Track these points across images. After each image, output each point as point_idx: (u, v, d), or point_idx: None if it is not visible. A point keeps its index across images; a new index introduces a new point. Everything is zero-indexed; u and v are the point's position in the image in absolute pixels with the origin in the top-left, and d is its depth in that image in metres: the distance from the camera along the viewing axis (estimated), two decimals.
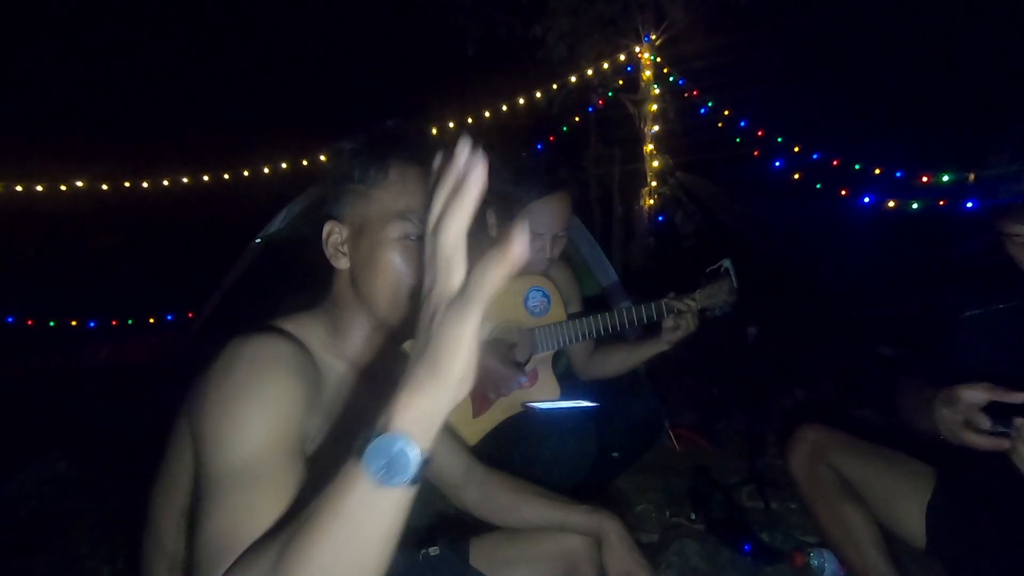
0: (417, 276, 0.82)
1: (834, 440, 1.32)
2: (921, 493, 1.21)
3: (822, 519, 1.31)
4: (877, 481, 1.25)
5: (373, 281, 0.82)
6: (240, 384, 0.70)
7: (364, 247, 0.82)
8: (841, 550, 1.30)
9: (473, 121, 5.15)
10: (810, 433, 1.35)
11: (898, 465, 1.27)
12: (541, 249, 1.65)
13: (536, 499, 1.12)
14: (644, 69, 5.31)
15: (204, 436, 0.69)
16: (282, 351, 0.74)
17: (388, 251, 0.81)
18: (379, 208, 0.82)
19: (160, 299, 5.67)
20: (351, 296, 0.86)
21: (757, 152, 5.45)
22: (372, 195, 0.83)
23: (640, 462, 2.02)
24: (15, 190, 4.91)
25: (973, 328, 1.19)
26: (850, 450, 1.30)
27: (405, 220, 0.81)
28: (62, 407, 3.30)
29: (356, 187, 0.84)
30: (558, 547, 1.12)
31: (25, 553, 1.80)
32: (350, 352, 0.87)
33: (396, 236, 0.81)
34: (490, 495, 1.13)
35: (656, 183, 5.51)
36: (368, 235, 0.82)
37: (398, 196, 0.82)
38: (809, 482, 1.33)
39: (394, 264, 0.81)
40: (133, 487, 0.85)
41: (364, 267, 0.83)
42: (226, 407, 0.68)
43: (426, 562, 1.11)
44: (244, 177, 5.15)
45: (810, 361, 3.57)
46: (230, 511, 0.63)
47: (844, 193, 5.05)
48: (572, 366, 1.88)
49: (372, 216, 0.82)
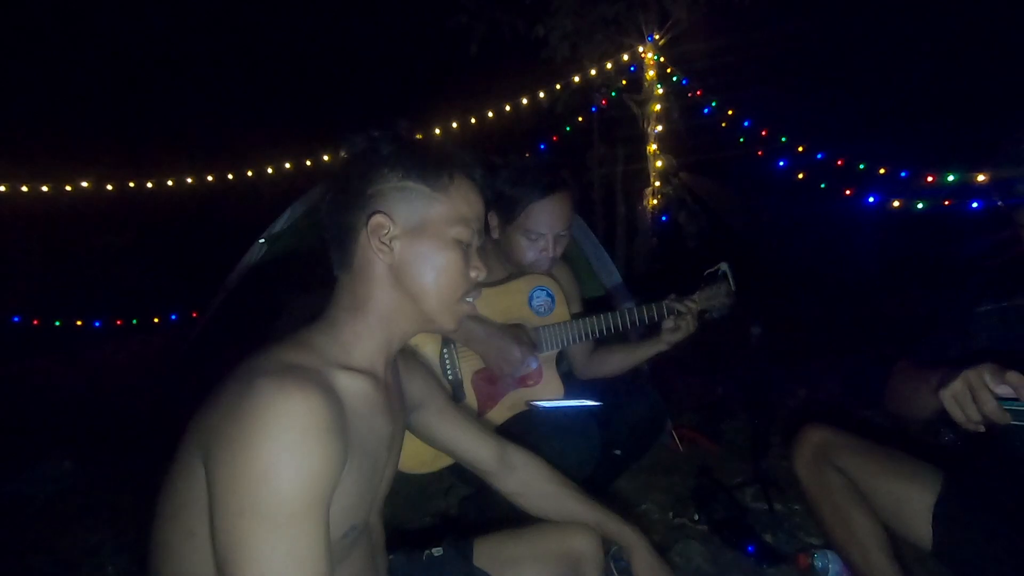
0: (468, 277, 0.90)
1: (839, 441, 1.30)
2: (927, 495, 1.20)
3: (827, 520, 1.30)
4: (883, 483, 1.24)
5: (428, 278, 0.87)
6: (276, 453, 0.68)
7: (424, 243, 0.87)
8: (846, 552, 1.28)
9: (476, 121, 5.15)
10: (815, 434, 1.33)
11: (904, 467, 1.25)
12: (544, 249, 1.65)
13: (578, 496, 1.19)
14: (647, 69, 5.29)
15: (231, 493, 0.68)
16: (317, 412, 0.72)
17: (451, 252, 0.88)
18: (443, 211, 0.88)
19: (164, 299, 5.70)
20: (389, 290, 0.87)
21: (761, 152, 5.43)
22: (436, 197, 0.87)
23: (643, 462, 2.02)
24: (20, 190, 4.93)
25: (987, 323, 1.17)
26: (856, 451, 1.28)
27: (466, 227, 0.89)
28: (67, 406, 3.31)
29: (416, 187, 0.87)
30: (562, 547, 1.12)
31: (31, 551, 1.81)
32: (363, 358, 0.87)
33: (458, 238, 0.88)
34: (531, 483, 1.18)
35: (659, 183, 5.49)
36: (430, 233, 0.87)
37: (460, 203, 0.89)
38: (814, 483, 1.31)
39: (455, 265, 0.88)
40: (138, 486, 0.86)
41: (419, 263, 0.87)
42: (262, 478, 0.68)
43: (429, 562, 1.11)
44: (248, 177, 5.16)
45: (815, 361, 3.55)
46: (265, 563, 0.67)
47: (849, 193, 5.03)
48: (571, 366, 1.89)
49: (435, 217, 0.87)
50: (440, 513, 1.90)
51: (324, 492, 0.72)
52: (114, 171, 5.23)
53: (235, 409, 0.71)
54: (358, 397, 0.83)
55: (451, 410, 1.15)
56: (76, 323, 5.50)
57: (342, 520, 0.80)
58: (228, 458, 0.69)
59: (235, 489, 0.68)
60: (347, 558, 0.89)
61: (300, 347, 0.83)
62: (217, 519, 0.69)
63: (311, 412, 0.71)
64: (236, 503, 0.68)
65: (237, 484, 0.68)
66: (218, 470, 0.70)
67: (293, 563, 0.68)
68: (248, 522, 0.67)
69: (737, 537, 1.70)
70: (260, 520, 0.67)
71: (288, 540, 0.68)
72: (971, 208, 4.15)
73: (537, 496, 1.18)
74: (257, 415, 0.70)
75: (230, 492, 0.68)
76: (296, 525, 0.69)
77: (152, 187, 5.20)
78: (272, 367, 0.76)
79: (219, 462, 0.70)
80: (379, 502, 0.98)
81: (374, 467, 0.88)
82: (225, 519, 0.68)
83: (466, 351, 1.64)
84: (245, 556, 0.67)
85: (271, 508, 0.67)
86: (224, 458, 0.70)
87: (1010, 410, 0.92)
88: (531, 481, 1.18)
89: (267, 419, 0.69)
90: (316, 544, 0.70)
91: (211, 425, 0.73)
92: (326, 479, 0.72)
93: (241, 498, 0.68)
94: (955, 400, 0.96)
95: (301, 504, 0.69)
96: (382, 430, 0.89)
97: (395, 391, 0.98)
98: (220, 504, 0.69)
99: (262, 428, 0.69)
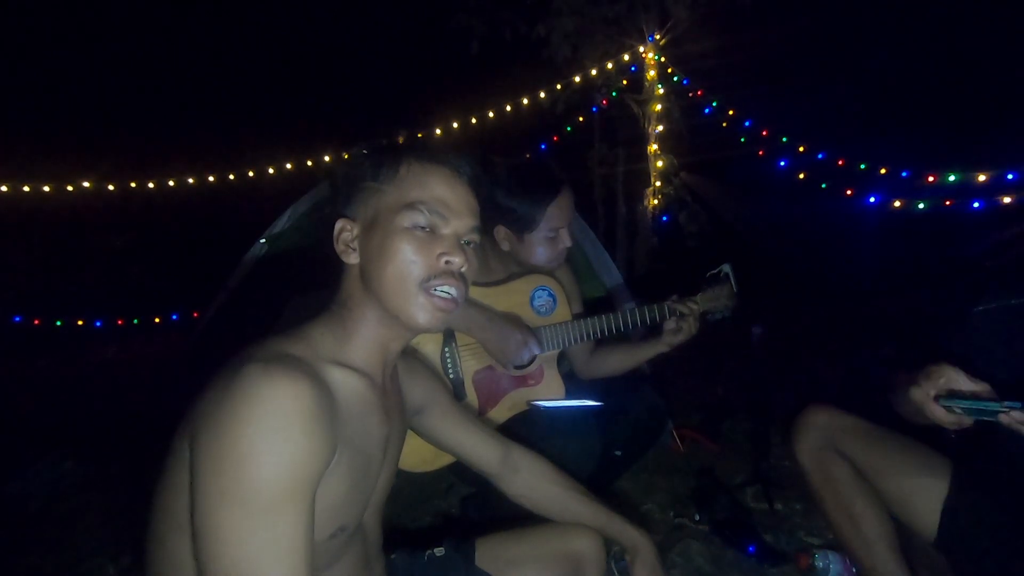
0: (426, 263, 0.84)
1: (846, 424, 1.22)
2: (937, 488, 1.15)
3: (830, 514, 1.25)
4: (892, 472, 1.18)
5: (383, 271, 0.84)
6: (258, 437, 0.67)
7: (375, 239, 0.85)
8: (851, 548, 1.24)
9: (476, 121, 5.15)
10: (820, 416, 1.24)
11: (913, 456, 1.19)
12: (562, 241, 1.66)
13: (583, 497, 1.17)
14: (648, 69, 5.29)
15: (211, 476, 0.67)
16: (303, 398, 0.71)
17: (398, 239, 0.84)
18: (390, 200, 0.85)
19: (165, 299, 5.70)
20: (361, 292, 0.87)
21: (762, 152, 5.43)
22: (384, 190, 0.86)
23: (644, 462, 2.02)
24: (22, 191, 4.94)
25: (985, 322, 1.16)
26: (863, 436, 1.21)
27: (415, 210, 0.84)
28: (68, 406, 3.32)
29: (368, 184, 0.87)
30: (564, 548, 1.12)
31: (31, 551, 1.81)
32: (358, 357, 0.87)
33: (407, 225, 0.84)
34: (536, 485, 1.17)
35: (660, 183, 5.49)
36: (379, 227, 0.85)
37: (409, 189, 0.86)
38: (817, 471, 1.24)
39: (403, 251, 0.83)
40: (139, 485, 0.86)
41: (375, 258, 0.85)
42: (242, 461, 0.66)
43: (431, 563, 1.11)
44: (249, 177, 5.17)
45: (815, 362, 3.55)
46: (240, 548, 0.65)
47: (849, 193, 5.03)
48: (571, 366, 1.89)
49: (383, 208, 0.86)
50: (441, 512, 1.90)
51: (307, 481, 0.70)
52: (115, 171, 5.23)
53: (221, 395, 0.70)
54: (351, 394, 0.83)
55: (455, 413, 1.14)
56: (77, 323, 5.51)
57: (329, 519, 0.79)
58: (210, 441, 0.68)
59: (215, 472, 0.67)
60: (338, 561, 0.88)
61: (294, 339, 0.83)
62: (196, 503, 0.68)
63: (297, 398, 0.70)
64: (216, 487, 0.66)
65: (217, 467, 0.67)
66: (201, 454, 0.69)
67: (269, 551, 0.66)
68: (226, 506, 0.66)
69: (738, 537, 1.69)
70: (238, 505, 0.66)
71: (266, 527, 0.66)
72: (972, 208, 4.15)
73: (541, 498, 1.17)
74: (241, 399, 0.69)
75: (210, 475, 0.67)
76: (275, 512, 0.67)
77: (153, 187, 5.21)
78: (262, 355, 0.75)
79: (202, 445, 0.69)
80: (375, 505, 0.97)
81: (366, 468, 0.87)
82: (204, 503, 0.67)
83: (467, 350, 1.64)
84: (220, 540, 0.66)
85: (250, 493, 0.66)
86: (206, 441, 0.68)
87: (967, 409, 0.94)
88: (535, 483, 1.17)
89: (251, 403, 0.68)
90: (295, 534, 0.68)
91: (198, 412, 0.72)
92: (310, 467, 0.70)
93: (221, 481, 0.66)
94: (918, 415, 0.97)
95: (281, 491, 0.67)
96: (376, 431, 0.88)
97: (393, 394, 0.97)
98: (200, 488, 0.68)
99: (245, 412, 0.68)
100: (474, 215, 0.90)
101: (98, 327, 5.55)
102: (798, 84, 6.79)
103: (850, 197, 5.02)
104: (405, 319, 0.85)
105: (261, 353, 0.76)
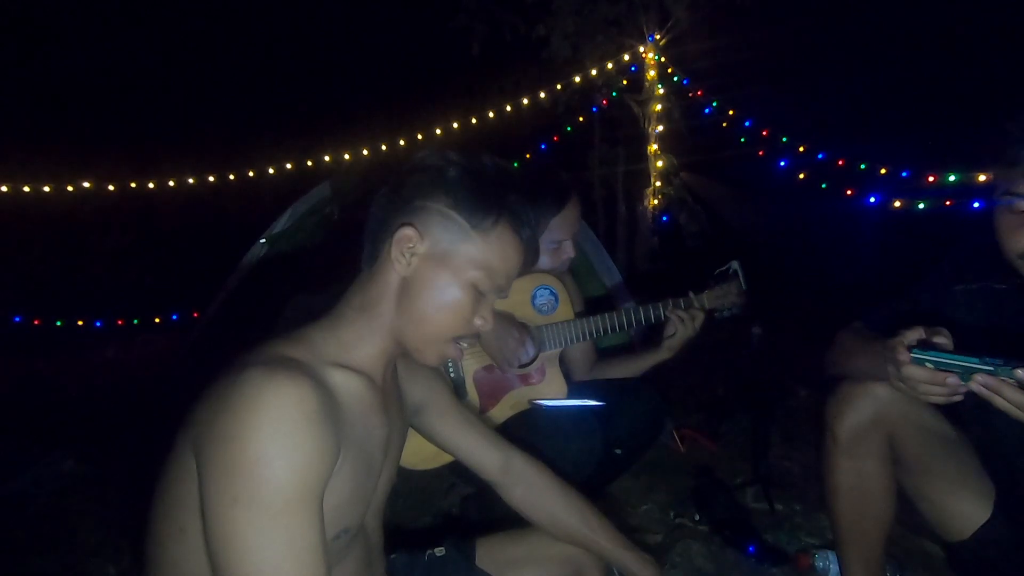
0: (469, 324, 0.87)
1: (911, 410, 1.05)
2: (980, 509, 1.07)
3: (838, 505, 1.14)
4: (940, 474, 1.09)
5: (429, 306, 0.85)
6: (266, 442, 0.67)
7: (440, 273, 0.85)
8: (844, 544, 1.19)
9: (476, 121, 5.15)
10: (881, 390, 1.04)
11: (963, 472, 1.09)
12: (566, 252, 1.67)
13: (585, 519, 1.10)
14: (648, 69, 5.30)
15: (222, 484, 0.67)
16: (307, 402, 0.71)
17: (460, 291, 0.85)
18: (472, 251, 0.85)
19: (165, 299, 5.70)
20: (392, 302, 0.86)
21: (762, 152, 5.43)
22: (471, 236, 0.85)
23: (644, 462, 2.02)
24: (22, 191, 4.94)
25: (965, 301, 1.12)
26: (924, 429, 1.06)
27: (489, 277, 0.87)
28: (68, 406, 3.31)
29: (454, 217, 0.85)
30: (565, 550, 1.11)
31: (31, 551, 1.81)
32: (360, 359, 0.87)
33: (473, 282, 0.86)
34: (536, 500, 1.11)
35: (660, 183, 5.50)
36: (450, 265, 0.85)
37: (493, 252, 0.86)
38: (850, 449, 1.09)
39: (460, 305, 0.86)
40: (139, 486, 0.86)
41: (427, 289, 0.85)
42: (252, 467, 0.66)
43: (432, 563, 1.11)
44: (249, 177, 5.17)
45: (815, 361, 3.55)
46: (260, 554, 0.66)
47: (850, 193, 5.03)
48: (571, 373, 1.88)
49: (463, 252, 0.85)
50: (441, 512, 1.90)
51: (317, 482, 0.71)
52: (115, 171, 5.23)
53: (224, 400, 0.70)
54: (352, 396, 0.83)
55: (455, 413, 1.12)
56: (77, 323, 5.51)
57: (333, 521, 0.79)
58: (218, 449, 0.68)
59: (226, 480, 0.67)
60: (340, 563, 0.87)
61: (295, 342, 0.82)
62: (208, 512, 0.68)
63: (301, 401, 0.71)
64: (228, 494, 0.66)
65: (228, 475, 0.67)
66: (208, 462, 0.69)
67: (289, 554, 0.66)
68: (241, 513, 0.66)
69: (738, 537, 1.69)
70: (253, 510, 0.66)
71: (283, 530, 0.66)
72: (973, 208, 4.15)
73: (540, 512, 1.12)
74: (246, 405, 0.69)
75: (221, 483, 0.67)
76: (291, 515, 0.67)
77: (153, 187, 5.21)
78: (263, 359, 0.75)
79: (209, 454, 0.69)
80: (376, 507, 0.97)
81: (368, 469, 0.87)
82: (217, 511, 0.67)
83: (468, 349, 1.64)
84: (239, 548, 0.66)
85: (264, 497, 0.66)
86: (214, 449, 0.69)
87: (939, 363, 0.86)
88: (534, 500, 1.12)
89: (256, 408, 0.68)
90: (312, 536, 0.69)
91: (201, 419, 0.72)
92: (319, 469, 0.71)
93: (233, 488, 0.66)
94: (913, 392, 0.89)
95: (295, 493, 0.68)
96: (377, 432, 0.88)
97: (393, 395, 0.97)
98: (211, 496, 0.68)
99: (252, 417, 0.68)
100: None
101: (98, 327, 5.55)
102: (798, 84, 6.80)
103: (850, 197, 5.02)
104: (422, 354, 0.88)
105: (262, 357, 0.76)
